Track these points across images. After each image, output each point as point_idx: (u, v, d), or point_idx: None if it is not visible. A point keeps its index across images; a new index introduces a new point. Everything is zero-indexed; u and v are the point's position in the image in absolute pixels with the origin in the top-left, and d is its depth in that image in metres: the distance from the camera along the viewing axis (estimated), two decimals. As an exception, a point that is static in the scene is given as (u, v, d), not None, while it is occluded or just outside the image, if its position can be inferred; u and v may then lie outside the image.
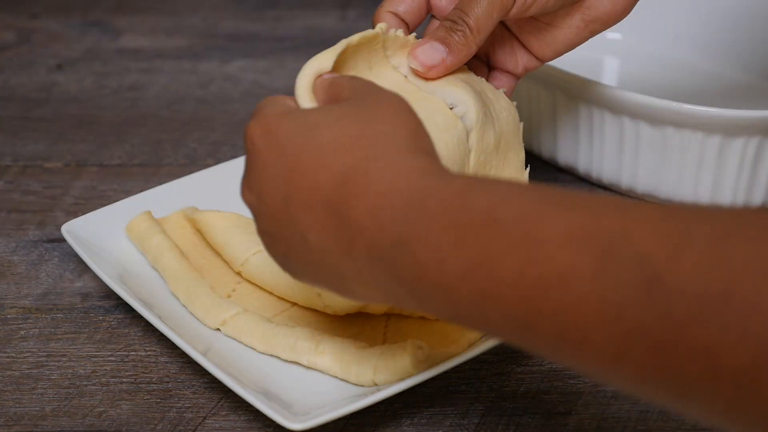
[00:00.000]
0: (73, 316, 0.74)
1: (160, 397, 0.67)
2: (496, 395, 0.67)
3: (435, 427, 0.65)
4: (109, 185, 0.87)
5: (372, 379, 0.65)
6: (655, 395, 0.44)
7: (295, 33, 1.09)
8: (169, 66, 1.03)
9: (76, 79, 1.01)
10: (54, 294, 0.75)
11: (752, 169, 0.80)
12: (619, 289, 0.43)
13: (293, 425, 0.61)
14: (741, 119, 0.77)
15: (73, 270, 0.77)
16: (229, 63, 1.04)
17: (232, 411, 0.66)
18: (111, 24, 1.10)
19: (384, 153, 0.53)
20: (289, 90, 1.00)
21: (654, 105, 0.78)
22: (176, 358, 0.70)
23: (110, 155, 0.91)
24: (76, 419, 0.66)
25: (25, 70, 1.03)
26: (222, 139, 0.93)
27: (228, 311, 0.69)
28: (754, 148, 0.78)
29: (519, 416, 0.66)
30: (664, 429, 0.65)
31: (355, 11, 1.12)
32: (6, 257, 0.79)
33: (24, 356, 0.70)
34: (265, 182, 0.56)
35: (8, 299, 0.75)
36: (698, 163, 0.80)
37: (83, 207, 0.83)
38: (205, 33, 1.09)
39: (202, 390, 0.68)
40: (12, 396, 0.68)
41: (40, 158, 0.90)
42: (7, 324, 0.73)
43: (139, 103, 0.98)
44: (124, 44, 1.07)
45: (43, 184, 0.87)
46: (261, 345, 0.68)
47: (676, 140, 0.79)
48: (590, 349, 0.44)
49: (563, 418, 0.66)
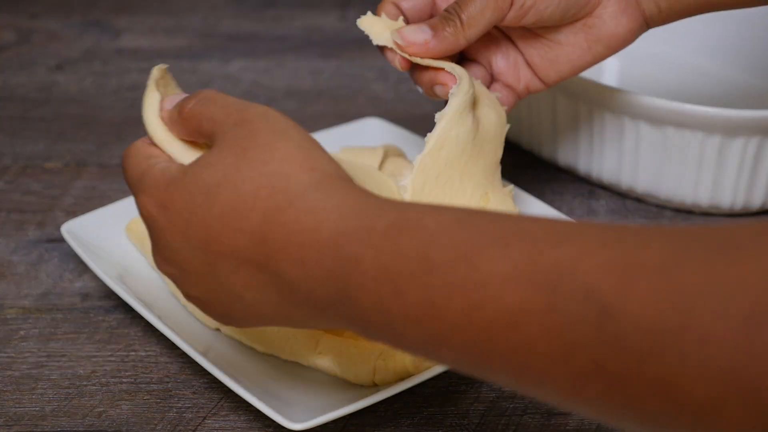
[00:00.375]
0: (73, 316, 0.74)
1: (160, 397, 0.67)
2: (496, 395, 0.67)
3: (435, 427, 0.65)
4: (109, 185, 0.87)
5: (372, 379, 0.65)
6: (619, 424, 0.43)
7: (295, 33, 1.09)
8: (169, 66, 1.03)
9: (76, 79, 1.02)
10: (54, 294, 0.76)
11: (752, 169, 0.80)
12: (571, 326, 0.41)
13: (293, 425, 0.61)
14: (741, 119, 0.77)
15: (73, 270, 0.77)
16: (229, 63, 1.04)
17: (232, 411, 0.66)
18: (111, 24, 1.10)
19: (292, 200, 0.51)
20: (289, 90, 1.00)
21: (654, 105, 0.78)
22: (176, 358, 0.70)
23: (110, 155, 0.91)
24: (76, 419, 0.66)
25: (25, 70, 1.03)
26: (222, 139, 0.93)
27: (228, 311, 0.69)
28: (754, 148, 0.78)
29: (519, 416, 0.66)
30: (664, 429, 0.65)
31: (355, 11, 1.12)
32: (6, 257, 0.79)
33: (24, 356, 0.70)
34: (180, 253, 0.54)
35: (8, 299, 0.75)
36: (698, 163, 0.80)
37: (83, 207, 0.84)
38: (205, 33, 1.09)
39: (202, 390, 0.68)
40: (12, 396, 0.68)
41: (40, 158, 0.90)
42: (7, 324, 0.73)
43: (139, 103, 0.98)
44: (124, 44, 1.07)
45: (43, 184, 0.87)
46: (260, 345, 0.68)
47: (676, 140, 0.79)
48: (549, 385, 0.43)
49: (563, 418, 0.66)
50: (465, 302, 0.44)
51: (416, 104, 0.98)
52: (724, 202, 0.81)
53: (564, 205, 0.83)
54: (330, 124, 0.90)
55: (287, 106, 0.97)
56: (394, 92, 0.99)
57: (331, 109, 0.97)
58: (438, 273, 0.45)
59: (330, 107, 0.97)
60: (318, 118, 0.95)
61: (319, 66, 1.03)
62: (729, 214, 0.83)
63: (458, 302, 0.44)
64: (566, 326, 0.41)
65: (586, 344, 0.41)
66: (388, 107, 0.97)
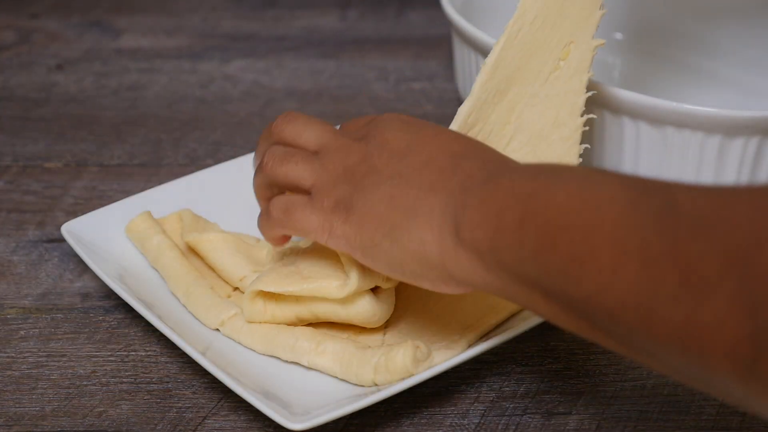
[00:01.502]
0: (73, 316, 0.74)
1: (160, 397, 0.67)
2: (496, 395, 0.67)
3: (435, 427, 0.65)
4: (109, 185, 0.87)
5: (372, 379, 0.65)
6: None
7: (295, 33, 1.09)
8: (169, 66, 1.04)
9: (76, 79, 1.02)
10: (54, 294, 0.75)
11: (752, 169, 0.80)
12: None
13: (293, 425, 0.61)
14: (741, 119, 0.77)
15: (73, 270, 0.77)
16: (229, 63, 1.04)
17: (232, 411, 0.66)
18: (111, 24, 1.10)
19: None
20: (289, 90, 1.00)
21: (654, 105, 0.78)
22: (176, 358, 0.70)
23: (110, 155, 0.91)
24: (76, 419, 0.66)
25: (25, 70, 1.03)
26: (222, 139, 0.93)
27: (227, 311, 0.69)
28: (754, 148, 0.78)
29: (519, 416, 0.66)
30: (664, 429, 0.65)
31: (355, 11, 1.12)
32: (6, 257, 0.79)
33: (24, 356, 0.70)
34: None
35: (8, 299, 0.75)
36: (698, 163, 0.80)
37: (83, 207, 0.83)
38: (205, 33, 1.09)
39: (202, 390, 0.68)
40: (12, 396, 0.68)
41: (40, 158, 0.90)
42: (7, 324, 0.73)
43: (139, 103, 0.98)
44: (124, 44, 1.07)
45: (43, 184, 0.87)
46: (261, 346, 0.68)
47: (676, 140, 0.79)
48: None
49: (563, 417, 0.66)
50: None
51: (416, 104, 0.98)
52: (724, 202, 0.81)
53: (564, 205, 0.83)
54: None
55: (287, 106, 0.97)
56: (394, 92, 0.99)
57: (331, 109, 0.97)
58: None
59: (330, 107, 0.97)
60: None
61: (319, 66, 1.03)
62: (729, 214, 0.83)
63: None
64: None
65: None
66: (388, 107, 0.97)
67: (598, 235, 0.49)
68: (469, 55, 0.87)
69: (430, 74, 1.01)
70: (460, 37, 0.88)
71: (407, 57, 1.05)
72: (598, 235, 0.49)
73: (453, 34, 0.91)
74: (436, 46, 1.06)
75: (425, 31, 1.09)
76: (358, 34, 1.09)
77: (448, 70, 1.02)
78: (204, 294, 0.70)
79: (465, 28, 0.86)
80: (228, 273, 0.72)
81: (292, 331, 0.67)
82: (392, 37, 1.08)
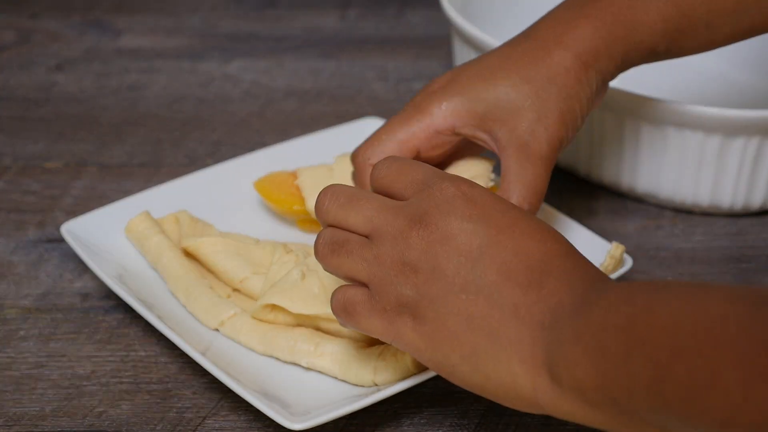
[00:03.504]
0: (73, 316, 0.74)
1: (160, 398, 0.67)
2: (496, 395, 0.67)
3: (435, 427, 0.65)
4: (109, 185, 0.87)
5: (372, 379, 0.65)
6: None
7: (295, 33, 1.09)
8: (169, 66, 1.04)
9: (76, 79, 1.02)
10: (54, 294, 0.75)
11: (752, 169, 0.80)
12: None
13: (293, 425, 0.61)
14: (741, 119, 0.77)
15: (73, 270, 0.77)
16: (229, 63, 1.04)
17: (232, 411, 0.66)
18: (111, 24, 1.10)
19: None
20: (289, 90, 1.00)
21: (654, 105, 0.78)
22: (176, 358, 0.70)
23: (110, 155, 0.91)
24: (76, 419, 0.66)
25: (25, 70, 1.03)
26: (222, 139, 0.93)
27: (226, 311, 0.69)
28: (754, 148, 0.78)
29: (519, 416, 0.66)
30: (664, 429, 0.65)
31: (355, 11, 1.12)
32: (6, 257, 0.79)
33: (24, 356, 0.70)
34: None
35: (8, 299, 0.75)
36: (698, 163, 0.80)
37: (83, 207, 0.83)
38: (205, 33, 1.09)
39: (202, 390, 0.68)
40: (12, 396, 0.68)
41: (40, 158, 0.90)
42: (6, 324, 0.73)
43: (139, 103, 0.98)
44: (124, 44, 1.07)
45: (43, 184, 0.87)
46: (260, 346, 0.68)
47: (676, 140, 0.79)
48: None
49: (563, 418, 0.66)
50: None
51: (416, 104, 0.98)
52: (724, 202, 0.81)
53: (564, 205, 0.83)
54: (330, 124, 0.90)
55: (287, 106, 0.97)
56: (394, 92, 0.99)
57: (331, 109, 0.97)
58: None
59: (330, 107, 0.97)
60: (318, 118, 0.95)
61: (318, 66, 1.03)
62: (729, 214, 0.83)
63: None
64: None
65: None
66: (388, 107, 0.97)
67: (719, 356, 0.46)
68: (469, 55, 0.87)
69: (430, 74, 1.01)
70: (460, 37, 0.88)
71: (407, 57, 1.05)
72: (719, 357, 0.46)
73: (453, 34, 0.91)
74: (436, 46, 1.06)
75: (425, 31, 1.09)
76: (358, 34, 1.09)
77: (447, 70, 1.02)
78: (204, 294, 0.70)
79: (465, 28, 0.86)
80: (228, 275, 0.72)
81: (291, 332, 0.67)
82: (392, 37, 1.08)
